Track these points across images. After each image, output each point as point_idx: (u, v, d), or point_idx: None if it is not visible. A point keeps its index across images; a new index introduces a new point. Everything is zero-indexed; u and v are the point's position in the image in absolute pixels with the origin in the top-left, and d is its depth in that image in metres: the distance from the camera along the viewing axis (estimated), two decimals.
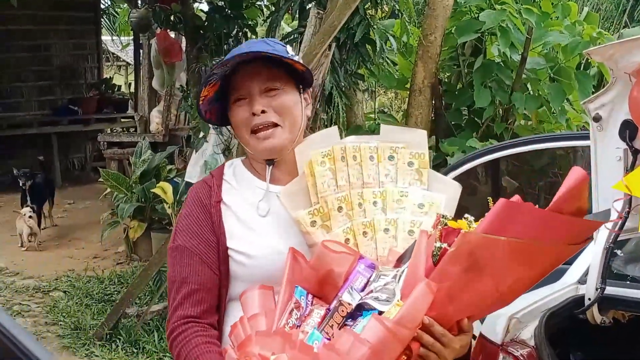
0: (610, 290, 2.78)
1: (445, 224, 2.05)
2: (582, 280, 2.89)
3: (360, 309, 2.00)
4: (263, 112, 2.25)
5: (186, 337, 2.20)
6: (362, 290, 2.04)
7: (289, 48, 2.37)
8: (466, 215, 2.08)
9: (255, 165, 2.38)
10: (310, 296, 2.10)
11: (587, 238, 2.07)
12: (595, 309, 2.79)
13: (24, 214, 9.10)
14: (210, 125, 7.81)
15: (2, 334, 0.52)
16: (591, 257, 2.84)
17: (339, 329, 1.99)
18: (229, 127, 2.42)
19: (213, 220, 2.30)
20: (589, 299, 2.78)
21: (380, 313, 1.95)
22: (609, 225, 2.86)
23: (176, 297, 2.27)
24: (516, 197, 2.05)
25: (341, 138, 2.35)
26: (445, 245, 2.02)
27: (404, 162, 2.28)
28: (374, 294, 2.01)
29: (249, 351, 1.95)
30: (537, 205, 2.04)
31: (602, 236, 2.83)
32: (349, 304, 2.00)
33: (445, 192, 2.29)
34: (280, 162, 2.34)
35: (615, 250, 2.93)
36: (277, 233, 2.27)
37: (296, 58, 2.32)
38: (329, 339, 1.96)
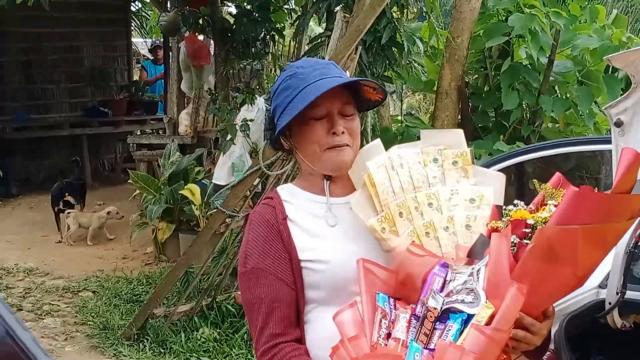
0: (631, 294, 2.77)
1: (510, 216, 2.11)
2: (603, 285, 2.87)
3: (447, 312, 2.03)
4: (343, 133, 2.32)
5: (281, 358, 2.26)
6: (441, 290, 2.07)
7: (347, 74, 2.46)
8: (515, 201, 2.13)
9: (312, 181, 2.45)
10: (392, 300, 2.15)
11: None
12: (615, 313, 2.77)
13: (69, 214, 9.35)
14: (237, 128, 7.85)
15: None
16: (612, 261, 2.84)
17: (430, 334, 2.04)
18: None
19: (283, 237, 2.34)
20: (610, 303, 2.77)
21: (470, 315, 1.99)
22: (631, 228, 2.86)
23: (259, 317, 2.31)
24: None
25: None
26: (517, 239, 2.07)
27: (449, 162, 2.33)
28: (456, 295, 2.05)
29: None
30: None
31: (623, 240, 2.83)
32: (435, 309, 2.04)
33: (492, 184, 2.34)
34: (337, 178, 2.41)
35: (638, 254, 2.92)
36: (347, 239, 2.33)
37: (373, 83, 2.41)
38: (427, 348, 2.02)
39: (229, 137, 8.07)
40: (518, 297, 1.97)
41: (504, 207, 2.19)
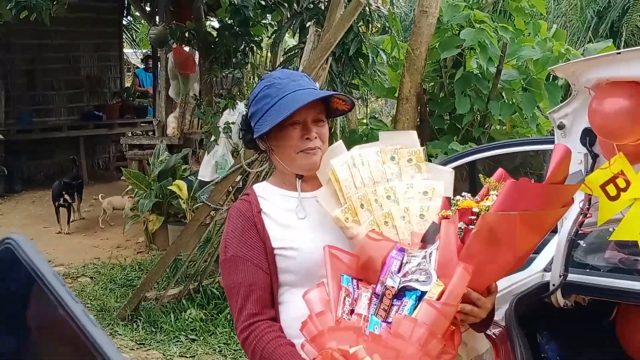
0: (572, 277, 2.80)
1: (457, 206, 2.16)
2: (548, 269, 2.90)
3: (403, 290, 2.08)
4: (315, 137, 2.36)
5: (258, 335, 2.29)
6: (399, 271, 2.13)
7: (317, 85, 2.50)
8: (463, 193, 2.19)
9: (284, 179, 2.49)
10: (355, 281, 2.20)
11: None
12: (558, 293, 2.80)
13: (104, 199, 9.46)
14: (220, 130, 7.85)
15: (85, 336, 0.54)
16: (555, 248, 2.87)
17: (388, 309, 2.07)
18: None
19: (258, 229, 2.38)
20: (554, 285, 2.80)
21: (423, 292, 2.03)
22: (572, 218, 2.90)
23: (238, 300, 2.34)
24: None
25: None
26: (464, 225, 2.12)
27: (405, 160, 2.40)
28: (411, 275, 2.11)
29: (328, 346, 2.01)
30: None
31: (565, 229, 2.87)
32: (393, 287, 2.11)
33: (442, 178, 2.39)
34: (307, 176, 2.45)
35: (577, 242, 2.95)
36: (315, 229, 2.37)
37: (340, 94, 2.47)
38: (385, 321, 2.06)
39: (212, 138, 8.06)
40: (464, 275, 2.03)
41: (452, 198, 2.26)
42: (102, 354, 0.54)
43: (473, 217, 2.12)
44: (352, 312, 2.10)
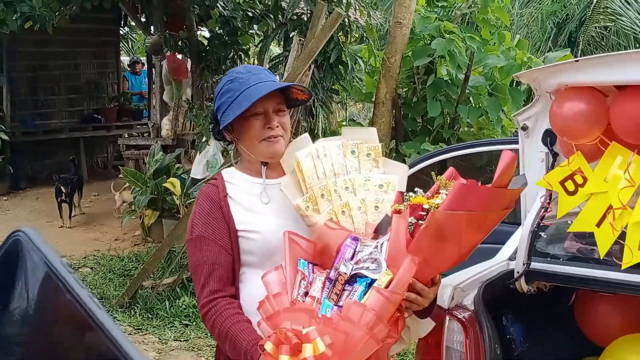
0: (534, 265, 2.82)
1: (410, 201, 2.18)
2: (512, 258, 2.92)
3: (355, 277, 2.09)
4: (277, 126, 2.35)
5: (218, 310, 2.29)
6: (352, 259, 2.14)
7: (277, 77, 2.51)
8: (416, 189, 2.22)
9: (250, 166, 2.46)
10: (310, 265, 2.21)
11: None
12: (522, 280, 2.82)
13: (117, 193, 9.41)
14: (210, 130, 7.82)
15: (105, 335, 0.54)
16: (519, 239, 2.90)
17: (340, 294, 2.08)
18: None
19: (223, 212, 2.36)
20: (518, 272, 2.82)
21: (373, 280, 2.05)
22: (534, 213, 2.93)
23: (201, 277, 2.33)
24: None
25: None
26: (414, 220, 2.14)
27: (364, 154, 2.41)
28: (363, 263, 2.12)
29: (282, 326, 2.02)
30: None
31: (528, 222, 2.89)
32: (345, 274, 2.12)
33: (397, 173, 2.41)
34: (271, 163, 2.43)
35: (539, 233, 2.97)
36: (277, 214, 2.36)
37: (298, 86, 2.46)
38: (337, 305, 2.07)
39: (204, 139, 8.06)
40: (411, 266, 2.05)
41: (406, 193, 2.28)
42: (105, 332, 0.55)
43: (423, 213, 2.14)
44: (306, 294, 2.11)
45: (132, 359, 0.54)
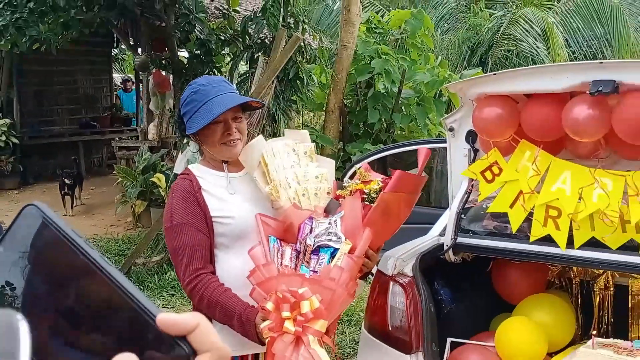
0: (460, 240, 2.85)
1: (352, 188, 2.25)
2: (442, 234, 2.94)
3: (318, 248, 2.13)
4: (235, 132, 2.34)
5: (205, 284, 2.25)
6: (311, 232, 2.17)
7: (234, 87, 2.52)
8: (346, 179, 2.31)
9: (213, 163, 2.43)
10: (279, 241, 2.20)
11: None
12: (450, 252, 2.86)
13: None
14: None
15: (120, 289, 0.52)
16: (448, 219, 2.93)
17: (309, 262, 2.13)
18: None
19: (199, 202, 2.32)
20: (447, 246, 2.85)
21: (335, 249, 2.11)
22: (459, 198, 2.96)
23: (184, 258, 2.27)
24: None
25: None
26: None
27: (302, 152, 2.46)
28: (322, 237, 2.15)
29: (279, 288, 2.03)
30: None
31: (454, 205, 2.93)
32: (310, 245, 2.15)
33: (327, 167, 2.45)
34: (232, 161, 2.41)
35: (463, 214, 3.00)
36: (244, 201, 2.35)
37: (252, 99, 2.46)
38: (314, 271, 2.13)
39: (185, 141, 7.97)
40: (369, 236, 2.15)
41: (342, 182, 2.39)
42: (118, 285, 0.53)
43: (364, 196, 2.23)
44: (280, 264, 2.14)
45: (145, 305, 0.52)
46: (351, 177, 2.49)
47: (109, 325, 0.51)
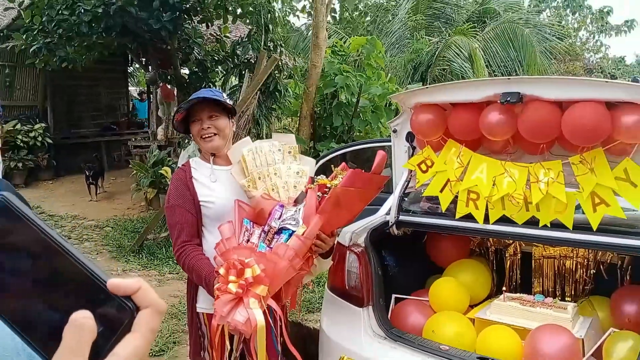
0: (402, 218, 2.86)
1: (318, 182, 2.19)
2: (388, 213, 2.95)
3: (281, 229, 2.09)
4: (208, 127, 2.30)
5: (185, 252, 2.25)
6: (279, 218, 2.12)
7: (224, 94, 2.45)
8: (321, 175, 2.25)
9: (206, 156, 2.42)
10: (251, 223, 2.17)
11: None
12: (394, 227, 2.86)
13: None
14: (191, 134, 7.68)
15: (72, 258, 0.52)
16: (392, 200, 2.94)
17: (272, 240, 2.09)
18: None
19: (189, 188, 2.31)
20: (391, 222, 2.86)
21: (293, 231, 2.06)
22: (400, 185, 2.97)
23: (175, 232, 2.29)
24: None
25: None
26: (320, 194, 2.15)
27: (287, 152, 2.40)
28: (287, 221, 2.11)
29: (231, 257, 2.01)
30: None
31: (397, 190, 2.94)
32: (274, 227, 2.11)
33: (308, 164, 2.41)
34: (218, 155, 2.39)
35: (404, 197, 3.01)
36: (225, 190, 2.32)
37: (227, 100, 2.39)
38: (269, 247, 2.07)
39: (186, 140, 7.89)
40: (318, 222, 2.10)
41: (315, 177, 2.31)
42: (74, 258, 0.52)
43: (327, 189, 2.18)
44: (248, 241, 2.13)
45: (97, 273, 0.51)
46: (324, 172, 2.48)
47: (69, 290, 0.51)
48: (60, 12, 7.13)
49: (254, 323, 1.92)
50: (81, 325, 0.48)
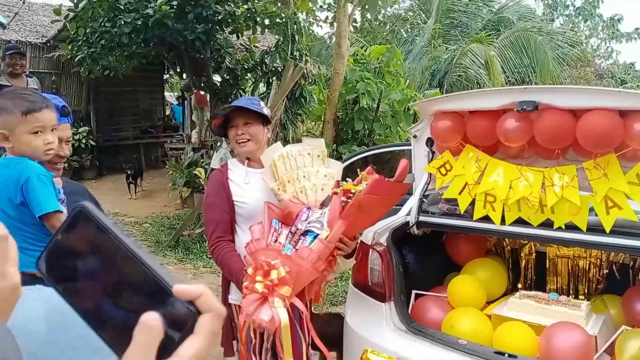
0: (421, 218, 2.85)
1: (343, 187, 2.19)
2: (408, 214, 2.93)
3: (307, 231, 2.09)
4: (242, 134, 2.32)
5: (219, 248, 2.28)
6: (306, 220, 2.13)
7: (262, 102, 2.45)
8: (347, 179, 2.23)
9: (241, 159, 2.44)
10: (280, 223, 2.18)
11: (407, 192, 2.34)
12: (414, 227, 2.85)
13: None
14: (223, 138, 7.74)
15: (136, 259, 0.54)
16: (412, 202, 2.92)
17: (298, 242, 2.09)
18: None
19: (225, 187, 2.34)
20: (412, 223, 2.85)
21: (318, 234, 2.06)
22: (421, 187, 2.96)
23: (210, 228, 2.32)
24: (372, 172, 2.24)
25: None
26: (345, 199, 2.15)
27: (316, 156, 2.40)
28: (313, 223, 2.11)
29: (259, 258, 2.03)
30: (385, 177, 2.20)
31: (417, 192, 2.93)
32: (300, 229, 2.11)
33: (336, 168, 2.41)
34: (253, 158, 2.41)
35: (424, 199, 3.00)
36: (257, 192, 2.34)
37: (264, 110, 2.39)
38: (295, 248, 2.07)
39: (219, 143, 7.96)
40: (341, 227, 2.08)
41: (340, 181, 2.29)
42: (144, 264, 0.55)
43: (351, 195, 2.16)
44: (276, 241, 2.13)
45: (165, 278, 0.53)
46: (347, 174, 2.47)
47: (139, 293, 0.53)
48: (102, 24, 7.26)
49: (277, 321, 1.95)
50: (151, 327, 0.50)
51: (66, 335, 0.65)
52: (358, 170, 2.36)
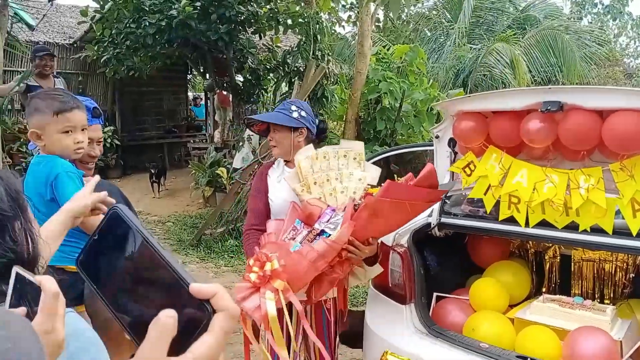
0: (443, 220, 2.82)
1: (366, 190, 2.19)
2: (430, 215, 2.91)
3: (322, 231, 2.11)
4: (270, 140, 2.45)
5: (248, 236, 2.42)
6: (327, 221, 2.14)
7: (294, 106, 2.45)
8: (368, 183, 2.22)
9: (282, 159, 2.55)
10: (302, 223, 2.20)
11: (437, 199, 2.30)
12: (436, 229, 2.83)
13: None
14: (245, 138, 7.80)
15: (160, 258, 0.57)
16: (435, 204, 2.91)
17: (312, 240, 2.13)
18: (255, 138, 2.56)
19: (264, 181, 2.50)
20: (433, 224, 2.83)
21: (329, 234, 2.09)
22: (443, 187, 2.94)
23: (249, 215, 2.48)
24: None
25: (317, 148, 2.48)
26: (361, 202, 2.15)
27: (352, 158, 2.40)
28: (329, 224, 2.12)
29: (263, 252, 2.06)
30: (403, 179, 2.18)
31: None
32: (316, 229, 2.12)
33: (372, 172, 2.39)
34: (289, 160, 2.49)
35: (446, 200, 2.97)
36: (286, 191, 2.41)
37: (294, 114, 2.42)
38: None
39: (240, 143, 8.03)
40: (348, 228, 2.07)
41: (367, 185, 2.28)
42: (166, 262, 0.57)
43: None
44: (292, 239, 2.16)
45: (183, 276, 0.56)
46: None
47: (159, 290, 0.56)
48: (127, 25, 7.39)
49: (263, 312, 1.96)
50: (164, 323, 0.52)
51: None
52: (395, 177, 2.35)
